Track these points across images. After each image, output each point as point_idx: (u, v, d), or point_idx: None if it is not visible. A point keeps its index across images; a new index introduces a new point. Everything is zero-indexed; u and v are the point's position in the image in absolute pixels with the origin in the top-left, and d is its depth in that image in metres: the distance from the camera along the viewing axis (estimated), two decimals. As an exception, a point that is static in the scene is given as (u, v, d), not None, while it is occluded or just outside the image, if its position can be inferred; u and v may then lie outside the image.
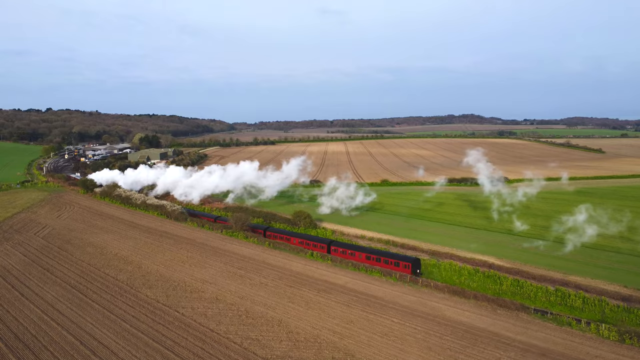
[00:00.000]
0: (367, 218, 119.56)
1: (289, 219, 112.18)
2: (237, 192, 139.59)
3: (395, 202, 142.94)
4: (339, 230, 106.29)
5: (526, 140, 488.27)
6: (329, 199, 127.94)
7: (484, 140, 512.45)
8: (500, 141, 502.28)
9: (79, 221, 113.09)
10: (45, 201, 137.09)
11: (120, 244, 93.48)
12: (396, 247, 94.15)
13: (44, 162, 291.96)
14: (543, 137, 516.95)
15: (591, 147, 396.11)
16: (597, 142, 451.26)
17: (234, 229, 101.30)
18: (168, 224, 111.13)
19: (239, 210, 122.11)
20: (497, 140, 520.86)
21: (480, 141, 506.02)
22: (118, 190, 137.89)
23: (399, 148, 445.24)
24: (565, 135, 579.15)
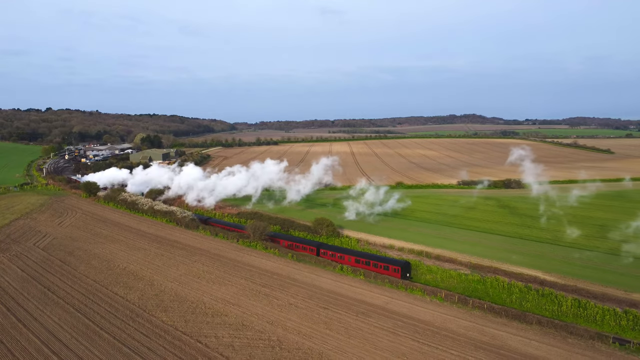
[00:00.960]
0: (392, 225, 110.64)
1: (309, 226, 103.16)
2: (257, 196, 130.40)
3: (417, 206, 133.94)
4: (364, 239, 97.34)
5: (531, 141, 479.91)
6: (354, 203, 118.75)
7: (488, 141, 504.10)
8: (506, 141, 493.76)
9: (82, 229, 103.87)
10: (45, 206, 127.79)
11: (128, 256, 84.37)
12: (430, 259, 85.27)
13: (43, 162, 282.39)
14: (547, 137, 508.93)
15: (599, 147, 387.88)
16: (604, 143, 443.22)
17: (251, 238, 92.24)
18: (178, 232, 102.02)
19: (254, 217, 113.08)
20: (503, 140, 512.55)
21: (485, 141, 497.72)
22: (123, 194, 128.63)
23: (404, 148, 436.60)
24: (568, 135, 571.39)
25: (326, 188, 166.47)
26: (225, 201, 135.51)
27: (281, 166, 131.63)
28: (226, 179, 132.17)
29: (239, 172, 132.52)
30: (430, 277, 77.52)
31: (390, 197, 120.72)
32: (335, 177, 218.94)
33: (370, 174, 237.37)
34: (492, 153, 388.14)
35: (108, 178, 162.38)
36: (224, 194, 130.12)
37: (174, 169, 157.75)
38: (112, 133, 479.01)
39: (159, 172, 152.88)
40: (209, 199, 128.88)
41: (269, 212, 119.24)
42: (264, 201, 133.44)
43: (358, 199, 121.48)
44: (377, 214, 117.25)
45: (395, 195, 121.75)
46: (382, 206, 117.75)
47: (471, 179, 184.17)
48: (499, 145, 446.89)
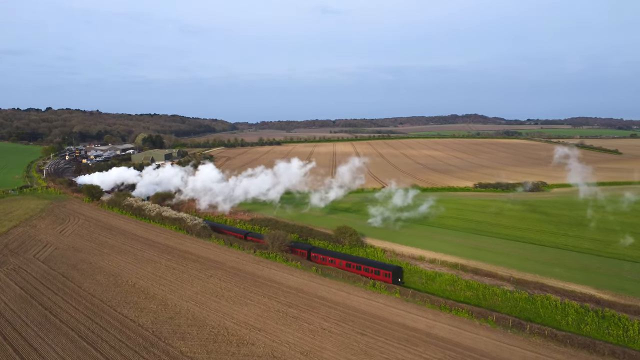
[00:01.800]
0: (415, 232, 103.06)
1: (330, 235, 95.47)
2: (278, 200, 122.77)
3: (438, 212, 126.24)
4: (390, 249, 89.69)
5: (537, 141, 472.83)
6: (379, 208, 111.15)
7: (493, 141, 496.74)
8: (511, 142, 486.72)
9: (86, 238, 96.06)
10: (46, 212, 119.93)
11: (137, 270, 76.64)
12: (467, 273, 77.71)
13: (43, 163, 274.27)
14: (549, 138, 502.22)
15: (606, 148, 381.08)
16: (610, 143, 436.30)
17: (270, 249, 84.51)
18: (189, 242, 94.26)
19: (269, 224, 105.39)
20: (508, 140, 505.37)
21: (490, 142, 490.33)
22: (129, 199, 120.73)
23: (409, 149, 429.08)
24: (572, 135, 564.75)
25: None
26: (237, 206, 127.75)
27: (307, 168, 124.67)
28: (247, 180, 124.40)
29: (264, 173, 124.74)
30: (470, 293, 70.04)
31: (422, 201, 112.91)
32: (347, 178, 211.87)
33: (380, 176, 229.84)
34: (499, 153, 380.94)
35: (114, 178, 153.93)
36: (244, 197, 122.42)
37: (187, 170, 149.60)
38: (113, 133, 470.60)
39: (171, 172, 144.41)
40: (224, 204, 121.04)
41: (285, 219, 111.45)
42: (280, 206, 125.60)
43: (384, 204, 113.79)
44: (403, 220, 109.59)
45: (430, 199, 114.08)
46: (410, 211, 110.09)
47: (487, 182, 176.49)
48: (504, 145, 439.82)
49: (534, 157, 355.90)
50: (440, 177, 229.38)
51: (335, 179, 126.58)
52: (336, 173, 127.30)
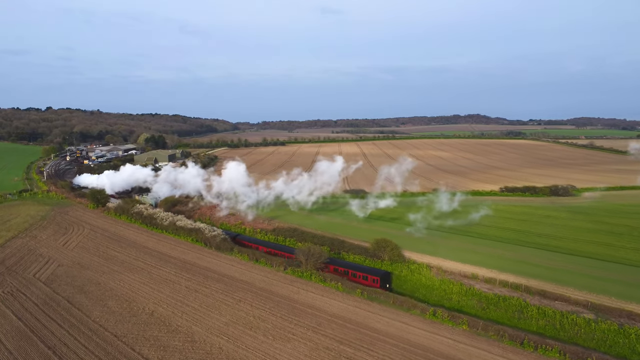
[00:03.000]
0: (456, 244, 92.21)
1: (366, 248, 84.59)
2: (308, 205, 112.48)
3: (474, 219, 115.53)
4: (435, 265, 78.88)
5: (544, 142, 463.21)
6: (417, 215, 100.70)
7: (500, 141, 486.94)
8: (517, 142, 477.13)
9: (93, 252, 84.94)
10: (47, 220, 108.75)
11: (153, 292, 65.67)
12: (532, 296, 66.98)
13: (44, 164, 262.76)
14: (554, 138, 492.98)
15: (617, 148, 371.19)
16: (619, 144, 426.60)
17: (304, 267, 73.60)
18: (209, 256, 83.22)
19: (294, 234, 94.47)
20: (514, 141, 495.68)
21: (496, 142, 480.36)
22: (138, 206, 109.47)
23: (415, 149, 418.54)
24: (577, 135, 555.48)
25: (355, 196, 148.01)
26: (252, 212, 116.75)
27: (353, 168, 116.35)
28: (284, 183, 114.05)
29: (301, 175, 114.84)
30: (544, 322, 59.47)
31: (473, 208, 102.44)
32: (358, 180, 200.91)
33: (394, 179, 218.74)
34: (508, 154, 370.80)
35: (126, 178, 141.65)
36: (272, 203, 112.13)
37: (209, 171, 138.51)
38: (114, 133, 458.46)
39: (192, 172, 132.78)
40: (247, 211, 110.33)
41: (312, 228, 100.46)
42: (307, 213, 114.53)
43: (427, 210, 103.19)
44: (442, 229, 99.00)
45: (485, 207, 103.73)
46: (455, 219, 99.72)
47: (514, 185, 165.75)
48: (511, 146, 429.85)
49: (545, 157, 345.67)
50: (455, 179, 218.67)
51: (377, 182, 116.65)
52: (379, 175, 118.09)
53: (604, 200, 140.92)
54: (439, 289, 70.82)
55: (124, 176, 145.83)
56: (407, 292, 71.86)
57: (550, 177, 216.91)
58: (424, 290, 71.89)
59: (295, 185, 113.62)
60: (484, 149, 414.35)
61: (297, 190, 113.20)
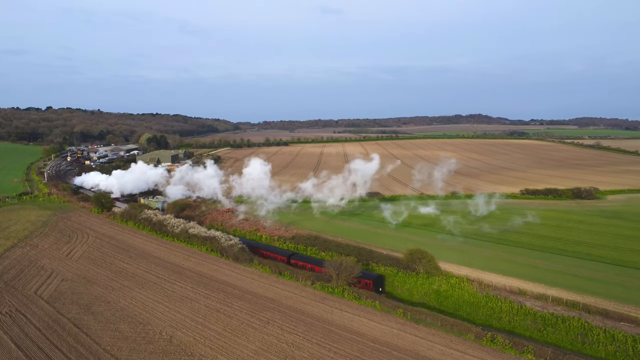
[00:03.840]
0: (488, 253, 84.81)
1: (398, 259, 77.06)
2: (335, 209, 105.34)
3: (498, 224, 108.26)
4: (475, 278, 71.42)
5: (549, 142, 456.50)
6: (451, 221, 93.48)
7: (504, 142, 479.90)
8: (522, 142, 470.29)
9: (100, 263, 77.25)
10: (49, 226, 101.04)
11: (170, 313, 58.08)
12: (592, 315, 59.54)
13: (44, 165, 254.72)
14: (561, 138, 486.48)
15: (624, 149, 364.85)
16: (626, 144, 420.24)
17: (335, 282, 66.07)
18: (227, 268, 75.61)
19: (316, 242, 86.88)
20: (519, 141, 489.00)
21: (502, 142, 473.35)
22: (146, 212, 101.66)
23: (420, 149, 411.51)
24: (580, 135, 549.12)
25: (375, 198, 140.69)
26: (266, 217, 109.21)
27: (390, 167, 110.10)
28: (311, 186, 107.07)
29: (335, 177, 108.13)
30: (613, 348, 52.14)
31: (505, 213, 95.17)
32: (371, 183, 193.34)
33: (405, 180, 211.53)
34: (515, 154, 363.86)
35: (136, 179, 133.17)
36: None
37: (227, 172, 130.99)
38: (115, 133, 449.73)
39: (209, 172, 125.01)
40: (266, 216, 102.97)
41: (334, 236, 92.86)
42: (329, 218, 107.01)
43: (459, 215, 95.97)
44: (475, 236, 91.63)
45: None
46: (492, 226, 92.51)
47: (534, 188, 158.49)
48: (517, 146, 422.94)
49: (553, 158, 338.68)
50: (468, 181, 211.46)
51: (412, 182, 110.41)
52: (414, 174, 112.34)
53: (632, 204, 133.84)
54: (485, 307, 63.40)
55: (134, 176, 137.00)
56: (449, 309, 64.50)
57: (564, 179, 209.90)
58: (468, 307, 64.48)
59: (327, 188, 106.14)
60: (489, 149, 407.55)
61: (328, 193, 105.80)
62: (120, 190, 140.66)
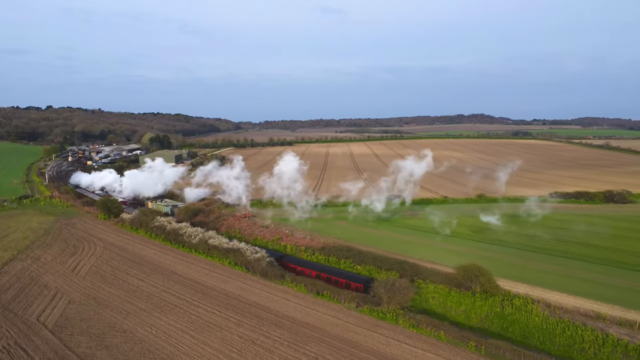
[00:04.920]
0: (544, 267, 75.42)
1: (450, 275, 67.58)
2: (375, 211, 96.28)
3: (538, 231, 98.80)
4: (540, 299, 61.95)
5: (556, 142, 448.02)
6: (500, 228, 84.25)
7: (511, 142, 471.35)
8: (529, 142, 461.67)
9: (110, 280, 67.54)
10: (51, 234, 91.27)
11: (197, 345, 48.46)
12: (694, 347, 50.19)
13: (45, 165, 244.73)
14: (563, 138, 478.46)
15: (635, 149, 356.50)
16: (634, 144, 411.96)
17: (386, 305, 56.51)
18: (255, 286, 65.98)
19: (351, 255, 77.25)
20: (525, 141, 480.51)
21: (507, 142, 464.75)
22: (159, 219, 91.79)
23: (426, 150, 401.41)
24: (585, 135, 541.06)
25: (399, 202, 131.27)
26: (288, 223, 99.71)
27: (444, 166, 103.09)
28: (352, 185, 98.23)
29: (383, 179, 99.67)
30: None
31: (549, 220, 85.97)
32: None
33: (423, 183, 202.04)
34: (525, 155, 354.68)
35: (151, 180, 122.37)
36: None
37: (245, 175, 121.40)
38: (116, 133, 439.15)
39: (235, 173, 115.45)
40: (294, 222, 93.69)
41: (366, 245, 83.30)
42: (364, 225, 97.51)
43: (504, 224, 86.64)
44: (523, 247, 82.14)
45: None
46: (544, 234, 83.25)
47: (564, 191, 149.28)
48: (524, 146, 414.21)
49: (564, 158, 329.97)
50: (487, 182, 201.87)
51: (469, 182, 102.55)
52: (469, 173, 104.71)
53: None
54: (562, 335, 53.96)
55: (151, 176, 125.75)
56: (517, 336, 55.05)
57: (583, 180, 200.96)
58: (540, 334, 54.99)
59: (371, 190, 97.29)
60: (496, 149, 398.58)
61: (375, 196, 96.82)
62: (135, 193, 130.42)
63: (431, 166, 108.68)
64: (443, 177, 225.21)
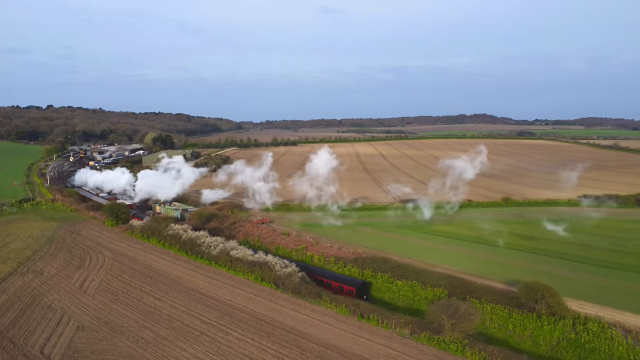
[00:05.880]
0: (607, 282, 67.25)
1: (507, 292, 59.36)
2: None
3: (590, 240, 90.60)
4: (616, 323, 53.75)
5: (563, 142, 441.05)
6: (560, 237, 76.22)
7: (516, 142, 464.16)
8: (535, 142, 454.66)
9: (123, 298, 59.12)
10: (55, 243, 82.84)
11: (234, 387, 40.12)
12: None
13: (45, 165, 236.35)
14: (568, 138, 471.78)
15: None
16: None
17: (448, 334, 48.18)
18: (289, 307, 57.57)
19: (391, 269, 68.93)
20: (531, 141, 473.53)
21: (512, 142, 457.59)
22: (173, 227, 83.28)
23: (434, 150, 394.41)
24: (589, 136, 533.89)
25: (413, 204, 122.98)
26: (312, 230, 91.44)
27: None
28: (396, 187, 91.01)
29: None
30: None
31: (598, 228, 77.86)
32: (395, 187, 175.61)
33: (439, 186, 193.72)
34: (535, 156, 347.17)
35: (163, 179, 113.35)
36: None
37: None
38: (118, 132, 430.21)
39: (261, 173, 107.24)
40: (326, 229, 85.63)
41: (399, 255, 74.95)
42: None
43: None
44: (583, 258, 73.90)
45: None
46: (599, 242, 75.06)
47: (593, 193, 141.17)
48: (532, 146, 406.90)
49: (574, 159, 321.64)
50: (505, 185, 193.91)
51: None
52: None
53: None
54: (657, 370, 45.81)
55: (169, 177, 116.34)
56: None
57: (603, 182, 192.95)
58: (628, 367, 46.89)
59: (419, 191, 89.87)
60: (504, 150, 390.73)
61: (423, 200, 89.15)
62: (149, 195, 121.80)
63: (486, 166, 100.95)
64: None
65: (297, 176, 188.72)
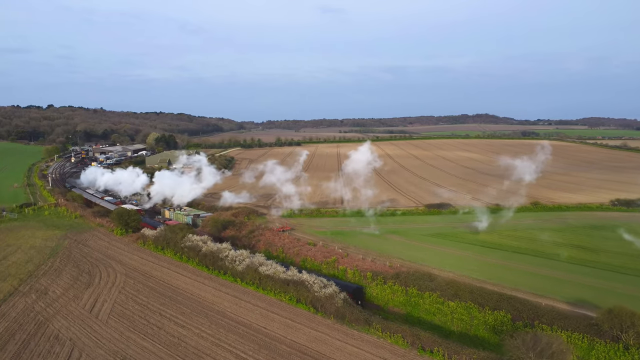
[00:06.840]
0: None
1: (587, 319, 51.14)
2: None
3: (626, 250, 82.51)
4: None
5: (569, 142, 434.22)
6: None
7: (521, 142, 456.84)
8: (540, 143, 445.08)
9: (141, 325, 50.71)
10: (59, 255, 74.38)
11: None
12: None
13: (46, 166, 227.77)
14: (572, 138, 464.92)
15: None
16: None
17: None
18: (333, 336, 49.28)
19: (435, 286, 60.65)
20: (536, 141, 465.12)
21: (518, 142, 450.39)
22: (191, 237, 74.74)
23: (441, 150, 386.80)
24: (594, 136, 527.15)
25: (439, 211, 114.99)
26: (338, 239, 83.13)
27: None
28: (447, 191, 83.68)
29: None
30: None
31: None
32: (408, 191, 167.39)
33: (456, 188, 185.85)
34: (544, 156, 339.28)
35: (182, 181, 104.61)
36: None
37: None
38: (120, 132, 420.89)
39: (288, 174, 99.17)
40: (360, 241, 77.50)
41: (440, 269, 66.71)
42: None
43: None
44: None
45: None
46: None
47: (626, 198, 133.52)
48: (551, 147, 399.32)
49: (586, 160, 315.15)
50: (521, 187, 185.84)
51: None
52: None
53: None
54: None
55: (189, 178, 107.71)
56: None
57: (624, 184, 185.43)
58: None
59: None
60: (512, 150, 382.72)
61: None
62: (165, 198, 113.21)
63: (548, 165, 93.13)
64: (468, 179, 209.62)
65: (319, 178, 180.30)
